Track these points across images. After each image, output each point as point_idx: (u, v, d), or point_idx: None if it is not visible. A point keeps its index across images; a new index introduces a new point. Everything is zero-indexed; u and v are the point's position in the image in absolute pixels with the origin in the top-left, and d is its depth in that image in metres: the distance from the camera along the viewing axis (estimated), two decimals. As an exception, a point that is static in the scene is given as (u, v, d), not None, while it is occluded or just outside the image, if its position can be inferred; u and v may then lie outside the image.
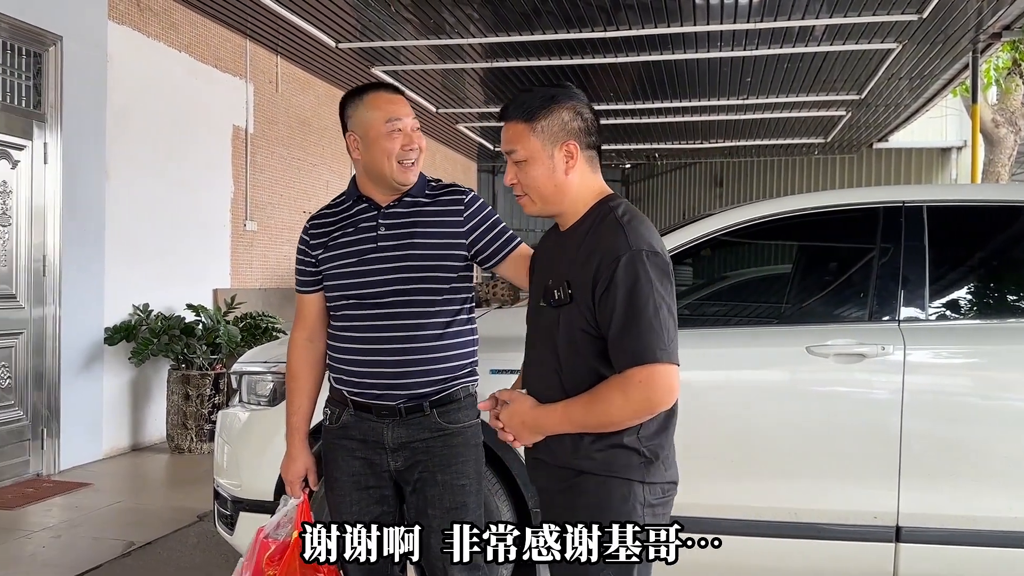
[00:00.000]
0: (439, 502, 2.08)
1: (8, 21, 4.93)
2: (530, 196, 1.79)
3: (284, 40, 7.60)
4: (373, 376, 2.09)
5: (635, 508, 1.67)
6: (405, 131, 2.09)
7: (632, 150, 13.65)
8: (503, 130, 1.80)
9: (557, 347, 1.72)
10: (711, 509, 2.77)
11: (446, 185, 2.21)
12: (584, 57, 7.97)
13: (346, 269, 2.12)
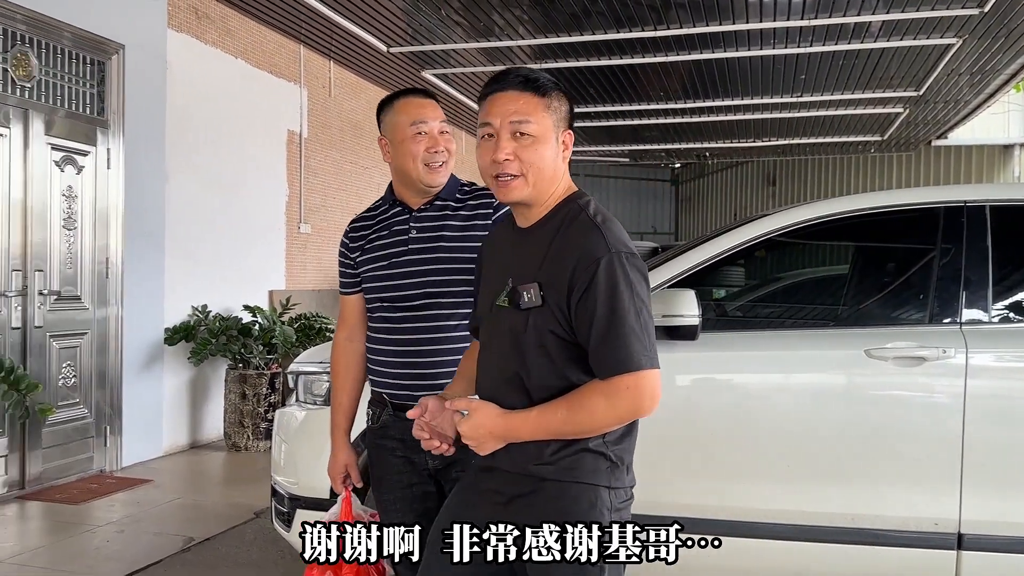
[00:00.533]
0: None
1: (73, 31, 5.10)
2: (527, 177, 1.64)
3: (337, 45, 7.71)
4: (406, 376, 2.13)
5: (603, 513, 1.63)
6: (431, 134, 2.14)
7: (682, 149, 13.50)
8: (504, 99, 1.64)
9: (523, 351, 1.64)
10: (765, 514, 2.74)
11: (478, 189, 2.21)
12: (634, 57, 7.92)
13: (380, 272, 2.18)
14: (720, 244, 2.97)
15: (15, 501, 4.67)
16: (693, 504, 2.78)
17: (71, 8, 5.02)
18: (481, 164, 1.67)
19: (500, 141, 1.63)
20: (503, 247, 1.78)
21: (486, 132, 1.66)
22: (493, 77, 1.70)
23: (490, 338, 1.75)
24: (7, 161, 4.73)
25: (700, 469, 2.81)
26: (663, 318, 2.74)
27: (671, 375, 2.86)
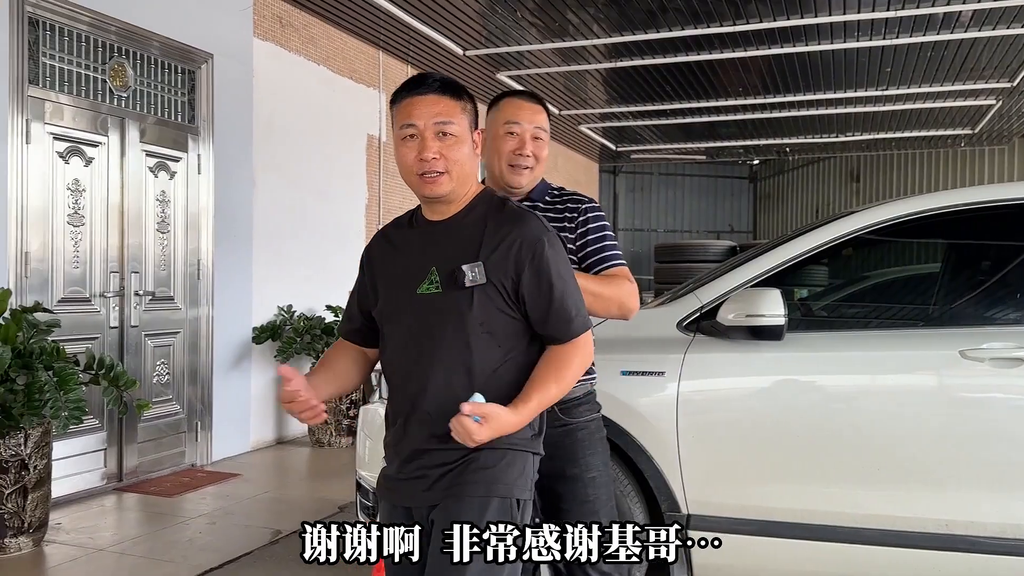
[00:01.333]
0: (571, 496, 2.12)
1: (165, 42, 5.33)
2: (451, 174, 1.75)
3: (414, 50, 7.84)
4: None
5: (527, 482, 1.76)
6: (521, 135, 2.16)
7: (760, 146, 13.24)
8: (427, 101, 1.73)
9: (467, 331, 1.71)
10: (853, 518, 2.68)
11: (568, 193, 2.26)
12: (711, 52, 7.81)
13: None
14: (805, 242, 2.92)
15: (113, 492, 4.90)
16: (776, 507, 2.74)
17: (164, 20, 5.25)
18: (405, 162, 1.77)
19: (426, 141, 1.73)
20: (406, 246, 1.86)
21: (408, 133, 1.75)
22: (409, 82, 1.79)
23: (414, 325, 1.77)
24: (105, 168, 4.97)
25: (784, 472, 2.76)
26: (747, 318, 2.71)
27: (755, 376, 2.83)
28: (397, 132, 1.78)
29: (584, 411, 2.18)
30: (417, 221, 1.88)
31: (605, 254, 2.20)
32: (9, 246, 4.35)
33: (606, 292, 2.12)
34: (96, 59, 4.91)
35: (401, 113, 1.76)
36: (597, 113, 10.76)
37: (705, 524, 2.80)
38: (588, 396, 2.22)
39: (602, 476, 2.16)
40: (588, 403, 2.21)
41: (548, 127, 2.27)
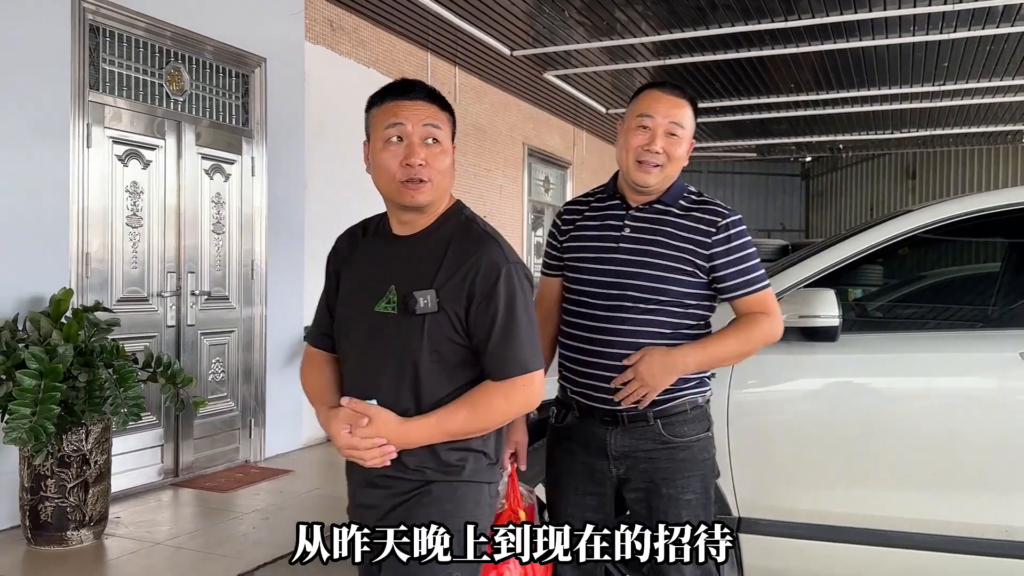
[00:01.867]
0: (664, 515, 2.01)
1: (220, 46, 5.44)
2: (433, 183, 1.67)
3: (462, 51, 7.88)
4: (595, 379, 2.05)
5: (484, 511, 1.73)
6: (654, 130, 2.01)
7: (813, 143, 13.01)
8: (416, 107, 1.67)
9: (417, 356, 1.65)
10: (908, 523, 2.62)
11: (707, 200, 2.08)
12: (762, 49, 7.71)
13: (585, 264, 2.09)
14: (860, 242, 2.86)
15: (170, 488, 5.03)
16: (829, 511, 2.69)
17: (219, 25, 5.36)
18: (387, 167, 1.67)
19: (413, 146, 1.65)
20: (371, 254, 1.78)
21: (395, 134, 1.67)
22: (395, 86, 1.72)
23: (367, 344, 1.71)
24: (162, 170, 5.10)
25: (837, 476, 2.71)
26: (800, 319, 2.67)
27: (808, 379, 2.79)
28: (380, 134, 1.69)
29: (689, 429, 2.05)
30: (381, 231, 1.80)
31: (748, 277, 2.02)
32: (71, 247, 4.48)
33: (749, 347, 2.05)
34: (153, 64, 5.04)
35: (387, 113, 1.69)
36: (645, 111, 10.67)
37: (756, 527, 2.77)
38: (696, 411, 2.07)
39: (699, 499, 2.05)
40: (695, 420, 2.07)
41: (690, 124, 2.07)
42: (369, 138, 1.75)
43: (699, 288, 2.03)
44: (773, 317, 2.05)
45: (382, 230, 1.80)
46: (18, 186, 4.17)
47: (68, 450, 3.80)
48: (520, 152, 9.88)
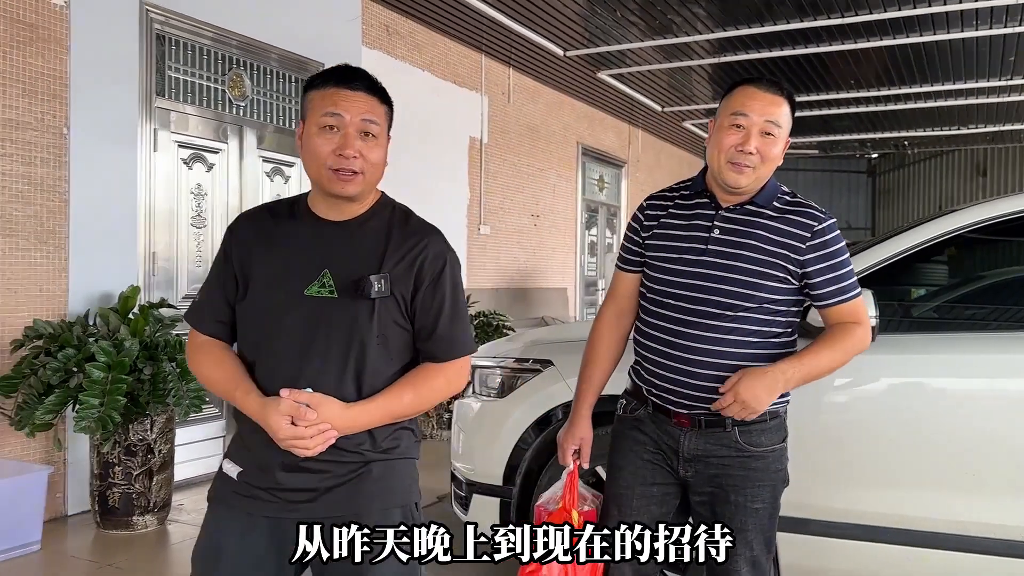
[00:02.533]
0: (730, 521, 1.96)
1: (280, 53, 5.64)
2: (364, 176, 1.66)
3: (516, 52, 7.97)
4: (675, 381, 1.99)
5: (414, 487, 1.76)
6: (749, 129, 1.92)
7: (877, 139, 12.72)
8: (355, 97, 1.64)
9: (364, 340, 1.64)
10: (946, 524, 2.60)
11: (802, 203, 1.99)
12: (820, 45, 7.59)
13: (670, 264, 2.01)
14: (901, 242, 2.84)
15: (232, 476, 5.23)
16: (868, 511, 2.68)
17: (278, 32, 5.56)
18: (319, 152, 1.64)
19: (349, 138, 1.63)
20: (288, 240, 1.71)
21: (330, 123, 1.63)
22: (337, 72, 1.68)
23: (304, 329, 1.65)
24: (225, 173, 5.31)
25: (876, 476, 2.71)
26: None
27: (845, 378, 2.78)
28: (316, 119, 1.65)
29: (767, 439, 2.00)
30: (301, 214, 1.75)
31: (842, 285, 1.95)
32: (139, 246, 4.72)
33: (844, 358, 1.99)
34: (216, 71, 5.25)
35: (326, 101, 1.65)
36: (702, 109, 10.62)
37: (792, 526, 2.78)
38: (775, 420, 2.02)
39: (766, 508, 2.00)
40: (774, 430, 2.02)
41: (786, 122, 1.97)
42: (304, 119, 1.70)
43: (789, 294, 1.96)
44: (864, 326, 2.00)
45: (302, 213, 1.74)
46: (90, 190, 4.41)
47: (134, 439, 4.01)
48: (574, 151, 9.93)
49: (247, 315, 1.71)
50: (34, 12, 4.18)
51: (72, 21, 4.33)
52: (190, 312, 1.79)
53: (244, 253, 1.72)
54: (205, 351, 1.74)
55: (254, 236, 1.73)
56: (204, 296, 1.78)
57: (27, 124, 4.15)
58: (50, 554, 3.80)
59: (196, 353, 1.75)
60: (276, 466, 1.65)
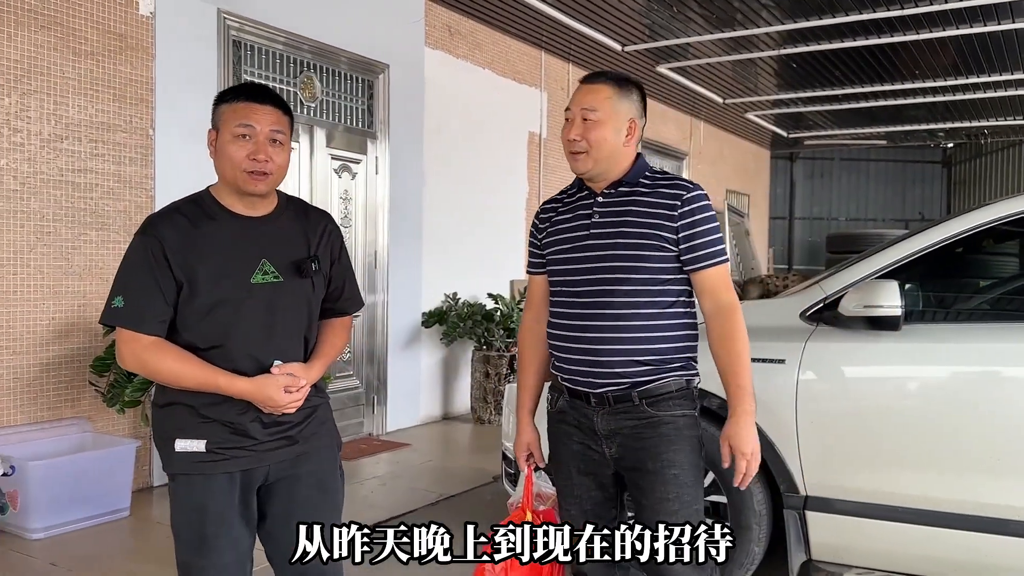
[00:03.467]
0: (651, 492, 2.05)
1: (348, 56, 5.94)
2: (274, 176, 1.98)
3: (574, 48, 8.12)
4: (581, 363, 2.09)
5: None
6: (571, 120, 2.11)
7: (949, 129, 12.40)
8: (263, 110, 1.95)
9: (311, 312, 2.07)
10: (970, 506, 2.71)
11: (672, 177, 2.13)
12: (893, 35, 7.49)
13: (561, 255, 2.15)
14: (933, 235, 2.93)
15: (303, 455, 5.58)
16: (892, 492, 2.80)
17: (347, 36, 5.86)
18: (234, 158, 1.93)
19: (260, 144, 1.93)
20: (215, 237, 1.95)
21: (242, 133, 1.93)
22: (246, 89, 1.99)
23: (263, 313, 1.96)
24: (296, 171, 5.64)
25: (902, 458, 2.82)
26: (865, 308, 2.79)
27: (873, 365, 2.90)
28: (230, 128, 1.93)
29: (674, 405, 2.07)
30: (217, 213, 1.98)
31: (705, 252, 2.05)
32: (219, 239, 5.07)
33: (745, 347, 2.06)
34: (288, 74, 5.58)
35: (238, 114, 1.93)
36: (767, 100, 10.57)
37: (822, 506, 2.92)
38: (681, 391, 2.08)
39: (686, 475, 2.05)
40: (681, 398, 2.09)
41: (607, 106, 2.08)
42: (217, 129, 1.97)
43: (673, 262, 2.06)
44: (731, 293, 2.08)
45: (218, 213, 1.98)
46: (173, 186, 4.77)
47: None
48: (636, 144, 9.99)
49: (199, 310, 1.92)
50: (123, 23, 4.55)
51: (157, 30, 4.70)
52: (123, 316, 1.88)
53: (180, 256, 1.90)
54: (159, 349, 1.90)
55: (183, 239, 1.91)
56: (137, 299, 1.89)
57: (117, 127, 4.53)
58: (137, 520, 4.18)
59: (148, 352, 1.89)
60: (254, 426, 1.98)
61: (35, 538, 3.82)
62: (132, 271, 1.91)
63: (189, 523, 1.97)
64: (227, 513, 1.97)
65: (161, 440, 2.00)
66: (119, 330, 1.90)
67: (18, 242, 4.12)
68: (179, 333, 1.94)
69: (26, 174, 4.14)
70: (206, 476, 1.95)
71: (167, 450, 1.98)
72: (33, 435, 4.17)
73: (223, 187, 2.00)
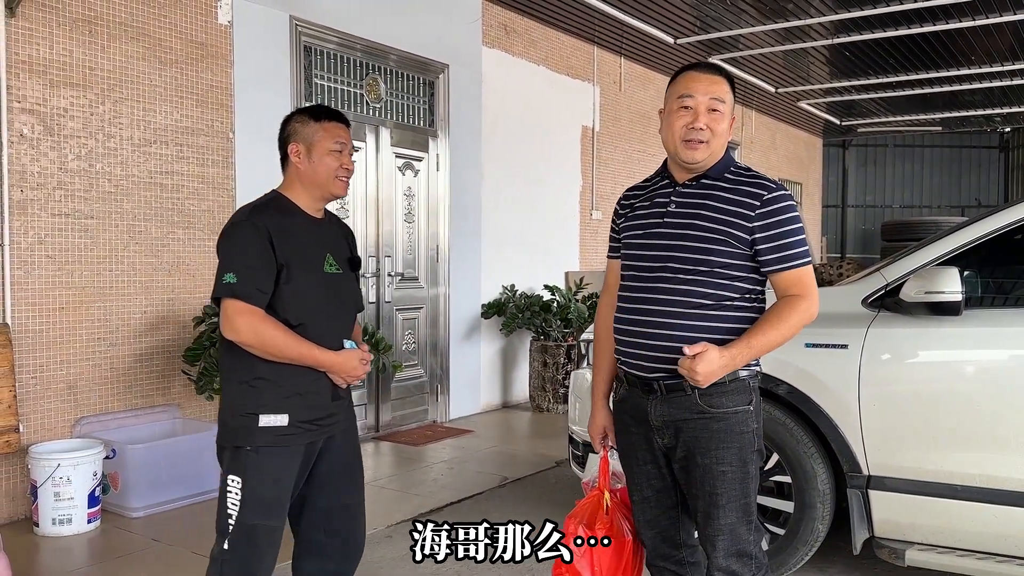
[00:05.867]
0: (700, 485, 2.06)
1: (411, 57, 6.15)
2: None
3: (627, 42, 8.23)
4: (637, 348, 2.10)
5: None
6: (696, 109, 2.06)
7: (1010, 113, 12.19)
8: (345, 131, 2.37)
9: (358, 300, 2.49)
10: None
11: (756, 175, 2.11)
12: (948, 22, 7.46)
13: (634, 240, 2.17)
14: (994, 223, 3.01)
15: (372, 440, 5.84)
16: (955, 472, 2.90)
17: (409, 38, 6.07)
18: (332, 167, 2.30)
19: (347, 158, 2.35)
20: (299, 232, 2.28)
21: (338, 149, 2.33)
22: (331, 111, 2.36)
23: (334, 298, 2.34)
24: (363, 169, 5.87)
25: (962, 439, 2.91)
26: (926, 294, 2.89)
27: (933, 350, 3.00)
28: (327, 145, 2.29)
29: (727, 401, 2.05)
30: (294, 212, 2.31)
31: (787, 252, 2.03)
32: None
33: (789, 333, 2.03)
34: (355, 76, 5.81)
35: (331, 133, 2.30)
36: (819, 89, 10.53)
37: (885, 484, 3.03)
38: (736, 383, 2.06)
39: (734, 472, 2.04)
40: (735, 392, 2.06)
41: (729, 99, 2.10)
42: (308, 143, 2.30)
43: (743, 260, 2.05)
44: (809, 299, 2.04)
45: (295, 212, 2.32)
46: (253, 187, 5.00)
47: (294, 403, 4.60)
48: (687, 136, 10.03)
49: (294, 291, 2.23)
50: (203, 32, 4.82)
51: (234, 38, 4.96)
52: (240, 290, 2.15)
53: (280, 242, 2.21)
54: (271, 322, 2.19)
55: (279, 229, 2.23)
56: (250, 275, 2.16)
57: (200, 131, 4.81)
58: (226, 500, 4.45)
59: (263, 324, 2.16)
60: (328, 400, 2.31)
61: (135, 516, 4.11)
62: (244, 251, 2.18)
63: (267, 491, 2.22)
64: (297, 480, 2.29)
65: (242, 414, 2.22)
66: (231, 303, 2.15)
67: (113, 241, 4.42)
68: (276, 312, 2.21)
69: (119, 177, 4.44)
70: (288, 449, 2.22)
71: (249, 424, 2.20)
72: (129, 421, 4.47)
73: (300, 191, 2.33)
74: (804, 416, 3.18)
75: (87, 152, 4.29)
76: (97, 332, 4.37)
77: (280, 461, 2.22)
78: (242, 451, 2.20)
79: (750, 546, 2.08)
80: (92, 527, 3.95)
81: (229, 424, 2.24)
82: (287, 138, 2.34)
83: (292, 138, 2.32)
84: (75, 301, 4.27)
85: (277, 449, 2.21)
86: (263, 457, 2.20)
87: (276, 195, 2.35)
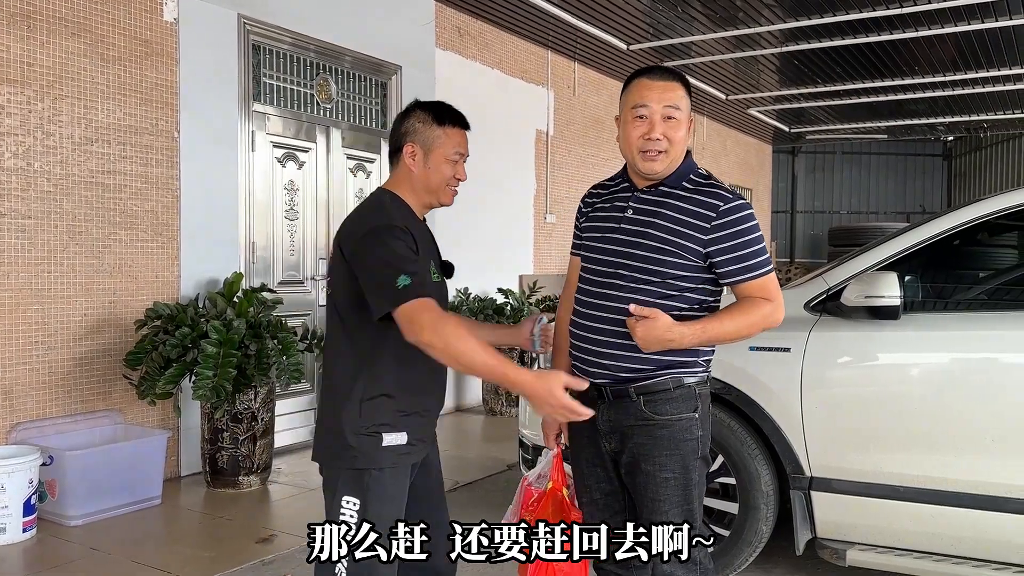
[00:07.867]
0: (644, 492, 2.06)
1: (361, 58, 6.10)
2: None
3: (580, 47, 8.28)
4: (586, 353, 2.11)
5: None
6: (651, 117, 2.02)
7: (951, 123, 12.55)
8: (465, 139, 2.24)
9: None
10: (967, 485, 2.86)
11: (714, 184, 2.06)
12: (893, 33, 7.64)
13: (592, 244, 2.16)
14: (931, 229, 3.08)
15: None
16: (895, 473, 2.96)
17: (361, 39, 6.02)
18: (447, 174, 2.18)
19: (462, 167, 2.21)
20: (422, 238, 2.14)
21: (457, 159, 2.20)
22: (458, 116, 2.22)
23: (443, 302, 2.15)
24: (314, 170, 5.80)
25: (902, 440, 2.97)
26: (866, 299, 2.95)
27: (873, 353, 3.06)
28: (447, 153, 2.15)
29: (671, 408, 2.04)
30: (414, 217, 2.19)
31: (748, 263, 2.01)
32: (240, 237, 5.25)
33: (747, 331, 2.02)
34: (305, 76, 5.74)
35: (453, 140, 2.17)
36: (769, 96, 10.71)
37: (826, 486, 3.08)
38: (680, 390, 2.05)
39: (677, 479, 2.03)
40: (679, 399, 2.05)
41: (685, 104, 2.05)
42: (427, 146, 2.14)
43: (695, 271, 2.02)
44: (774, 303, 2.03)
45: (414, 216, 2.18)
46: (198, 187, 4.95)
47: (240, 408, 4.53)
48: (640, 141, 10.13)
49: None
50: (148, 29, 4.71)
51: (180, 36, 4.86)
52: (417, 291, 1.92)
53: (419, 248, 2.06)
54: (457, 321, 1.99)
55: (415, 235, 2.08)
56: (420, 277, 1.96)
57: (144, 129, 4.70)
58: (169, 507, 4.35)
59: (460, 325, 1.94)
60: (434, 416, 2.23)
61: (73, 524, 3.99)
62: (405, 255, 1.98)
63: (390, 511, 2.06)
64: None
65: (364, 433, 2.04)
66: (415, 304, 1.90)
67: (52, 241, 4.30)
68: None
69: (59, 176, 4.31)
70: (404, 468, 2.09)
71: (372, 443, 2.03)
72: (68, 427, 4.34)
73: (409, 192, 2.17)
74: (748, 418, 3.22)
75: (24, 150, 4.17)
76: (34, 335, 4.24)
77: (399, 481, 2.09)
78: (365, 472, 2.05)
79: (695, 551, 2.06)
80: (28, 536, 3.83)
81: (349, 443, 2.05)
82: (403, 135, 2.16)
83: (409, 137, 2.15)
84: (11, 303, 4.14)
85: (397, 469, 2.08)
86: (387, 477, 2.07)
87: (393, 196, 2.16)
